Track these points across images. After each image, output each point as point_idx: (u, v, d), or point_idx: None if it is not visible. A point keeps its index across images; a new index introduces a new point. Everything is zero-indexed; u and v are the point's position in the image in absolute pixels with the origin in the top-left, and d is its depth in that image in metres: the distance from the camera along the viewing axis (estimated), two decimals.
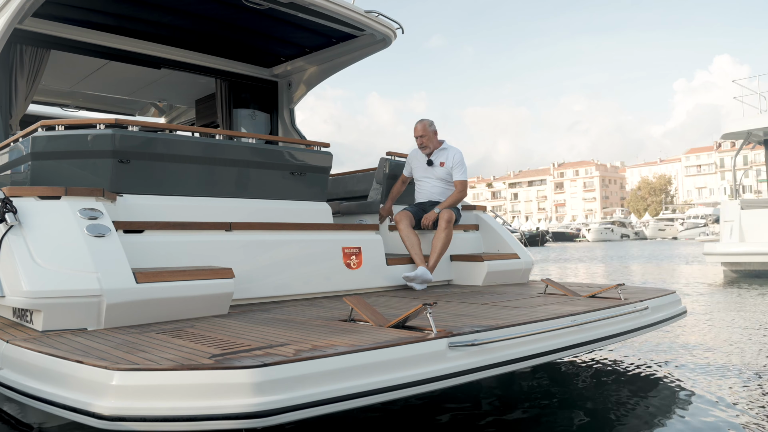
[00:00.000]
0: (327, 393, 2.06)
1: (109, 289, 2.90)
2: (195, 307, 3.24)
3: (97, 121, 3.76)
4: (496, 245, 5.51)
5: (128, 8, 5.07)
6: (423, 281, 4.70)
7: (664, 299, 3.97)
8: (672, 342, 5.08)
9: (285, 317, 3.23)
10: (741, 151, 13.47)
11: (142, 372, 2.03)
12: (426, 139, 5.21)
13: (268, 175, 4.47)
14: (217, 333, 2.72)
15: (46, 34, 5.09)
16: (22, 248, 2.89)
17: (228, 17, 5.37)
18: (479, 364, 2.56)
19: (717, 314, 6.78)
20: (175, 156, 3.99)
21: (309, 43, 5.99)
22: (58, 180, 3.65)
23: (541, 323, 2.97)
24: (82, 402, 2.07)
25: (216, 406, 1.94)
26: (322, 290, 4.23)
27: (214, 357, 2.16)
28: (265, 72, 6.65)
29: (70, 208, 3.12)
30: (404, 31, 5.54)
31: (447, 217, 4.97)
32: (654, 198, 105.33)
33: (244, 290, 3.80)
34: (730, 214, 12.01)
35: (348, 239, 4.46)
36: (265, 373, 1.98)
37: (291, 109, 6.75)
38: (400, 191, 5.50)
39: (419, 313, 2.63)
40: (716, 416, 3.10)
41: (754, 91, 13.51)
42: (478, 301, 3.89)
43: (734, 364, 4.25)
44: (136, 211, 3.75)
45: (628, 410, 3.24)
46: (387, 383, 2.23)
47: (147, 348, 2.40)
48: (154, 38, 5.73)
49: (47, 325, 2.84)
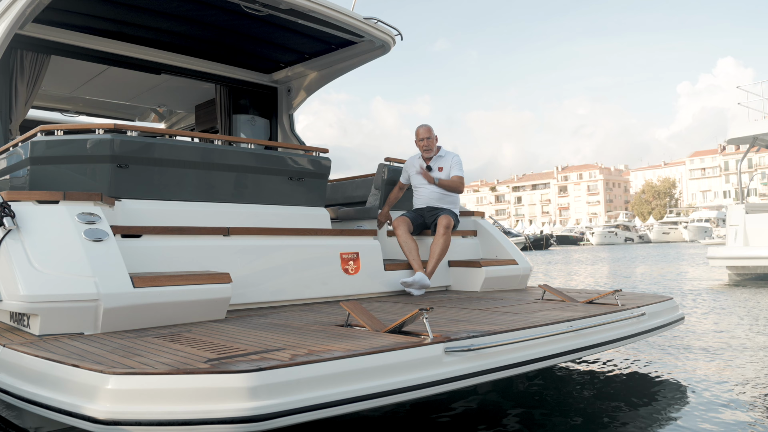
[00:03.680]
0: (323, 397, 2.07)
1: (107, 293, 2.90)
2: (192, 312, 3.25)
3: (96, 126, 3.78)
4: (494, 251, 5.51)
5: (128, 14, 5.10)
6: (421, 287, 4.71)
7: (661, 305, 3.97)
8: (672, 346, 5.08)
9: (282, 322, 3.23)
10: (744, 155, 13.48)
11: (137, 376, 2.04)
12: (431, 141, 5.26)
13: (266, 181, 4.49)
14: (214, 337, 2.72)
15: (46, 39, 5.12)
16: (20, 252, 2.90)
17: (228, 23, 5.39)
18: (475, 369, 2.56)
19: (719, 317, 6.77)
20: (173, 161, 4.00)
21: (308, 49, 6.02)
22: (56, 184, 3.66)
23: (537, 329, 2.97)
24: (78, 406, 2.07)
25: (212, 410, 1.95)
26: (319, 295, 4.23)
27: (210, 361, 2.17)
28: (265, 78, 6.68)
29: (68, 213, 3.13)
30: (403, 38, 5.56)
31: (445, 223, 4.98)
32: (658, 201, 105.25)
33: (242, 295, 3.81)
34: (735, 217, 12.02)
35: (346, 245, 4.47)
36: (260, 378, 1.98)
37: (290, 114, 6.77)
38: (398, 197, 5.52)
39: (416, 318, 2.64)
40: (715, 420, 3.09)
41: (760, 96, 13.50)
42: (476, 306, 3.90)
43: (735, 367, 4.25)
44: (134, 216, 3.76)
45: (624, 415, 3.23)
46: (383, 388, 2.23)
47: (143, 352, 2.41)
48: (154, 44, 5.75)
49: (44, 330, 2.85)
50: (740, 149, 13.78)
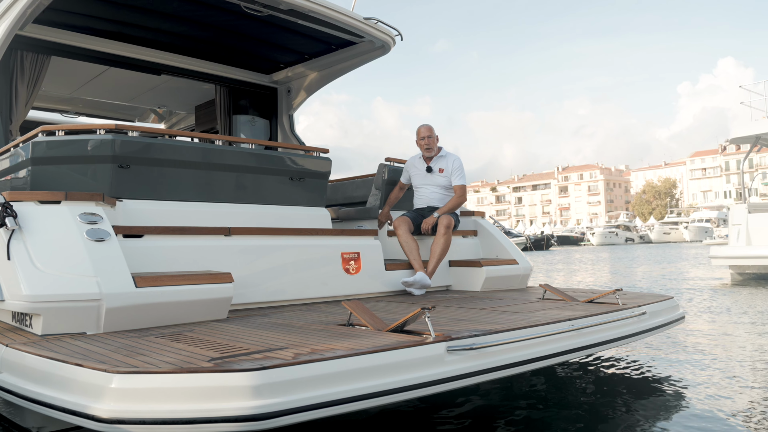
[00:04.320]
0: (326, 396, 2.07)
1: (109, 293, 2.91)
2: (194, 312, 3.25)
3: (97, 126, 3.78)
4: (495, 251, 5.52)
5: (128, 15, 5.11)
6: (421, 286, 4.71)
7: (661, 304, 3.98)
8: (673, 345, 5.08)
9: (284, 322, 3.24)
10: (747, 154, 13.49)
11: (141, 375, 2.04)
12: (432, 140, 5.27)
13: (267, 181, 4.49)
14: (216, 337, 2.73)
15: (46, 40, 5.12)
16: (22, 252, 2.91)
17: (228, 24, 5.40)
18: (477, 368, 2.57)
19: (720, 317, 6.78)
20: (174, 161, 4.01)
21: (308, 49, 6.02)
22: (58, 185, 3.67)
23: (539, 328, 2.98)
24: (82, 405, 2.08)
25: (215, 409, 1.95)
26: (320, 295, 4.24)
27: (213, 360, 2.17)
28: (265, 78, 6.68)
29: (70, 213, 3.14)
30: (403, 38, 5.58)
31: (446, 223, 4.99)
32: (659, 201, 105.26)
33: (243, 295, 3.81)
34: (738, 217, 12.04)
35: (347, 244, 4.48)
36: (264, 376, 1.99)
37: (290, 115, 6.78)
38: (398, 197, 5.52)
39: (418, 317, 2.65)
40: (716, 420, 3.10)
41: (762, 95, 13.51)
42: (477, 306, 3.90)
43: (736, 366, 4.25)
44: (135, 216, 3.77)
45: (625, 415, 3.24)
46: (385, 387, 2.24)
47: (146, 351, 2.41)
48: (154, 44, 5.76)
49: (46, 329, 2.85)
50: (741, 149, 13.83)
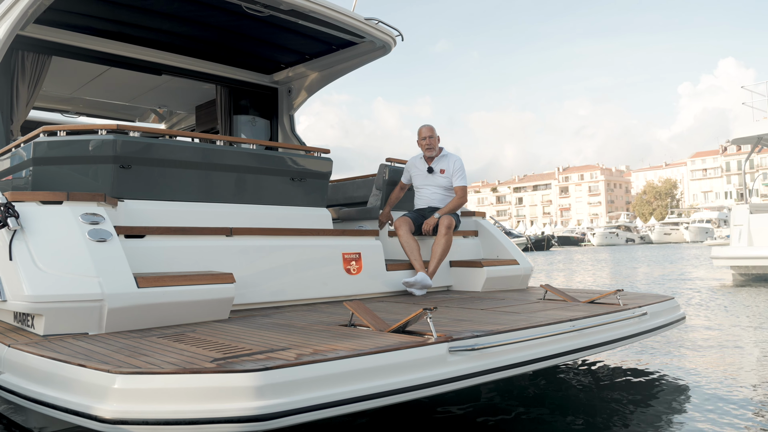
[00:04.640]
0: (328, 397, 2.08)
1: (111, 293, 2.91)
2: (196, 312, 3.25)
3: (98, 126, 3.78)
4: (496, 251, 5.52)
5: (129, 15, 5.11)
6: (422, 287, 4.72)
7: (662, 305, 3.98)
8: (674, 345, 5.08)
9: (286, 322, 3.24)
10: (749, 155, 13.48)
11: (144, 375, 2.05)
12: (433, 140, 5.27)
13: (268, 181, 4.49)
14: (219, 337, 2.73)
15: (47, 40, 5.12)
16: (24, 253, 2.91)
17: (229, 24, 5.40)
18: (479, 368, 2.57)
19: (721, 317, 6.78)
20: (175, 161, 4.01)
21: (309, 49, 6.02)
22: (59, 185, 3.67)
23: (540, 328, 2.98)
24: (85, 405, 2.08)
25: (218, 410, 1.95)
26: (322, 295, 4.24)
27: (216, 361, 2.17)
28: (266, 78, 6.69)
29: (72, 213, 3.14)
30: (404, 38, 5.57)
31: (447, 223, 4.99)
32: (659, 202, 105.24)
33: (245, 295, 3.81)
34: (740, 218, 12.03)
35: (348, 245, 4.48)
36: (266, 377, 1.99)
37: (291, 115, 6.78)
38: (399, 197, 5.52)
39: (419, 318, 2.65)
40: (716, 420, 3.10)
41: (764, 95, 13.50)
42: (478, 306, 3.90)
43: (737, 367, 4.26)
44: (137, 216, 3.77)
45: (625, 415, 3.24)
46: (387, 387, 2.24)
47: (149, 352, 2.41)
48: (155, 45, 5.76)
49: (48, 330, 2.85)
50: (741, 150, 13.85)
